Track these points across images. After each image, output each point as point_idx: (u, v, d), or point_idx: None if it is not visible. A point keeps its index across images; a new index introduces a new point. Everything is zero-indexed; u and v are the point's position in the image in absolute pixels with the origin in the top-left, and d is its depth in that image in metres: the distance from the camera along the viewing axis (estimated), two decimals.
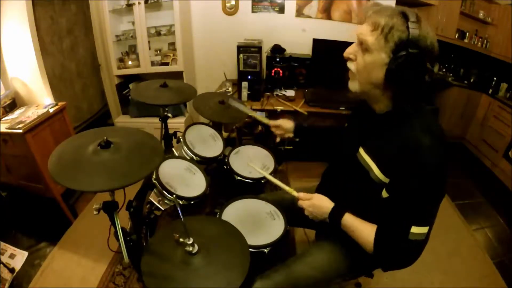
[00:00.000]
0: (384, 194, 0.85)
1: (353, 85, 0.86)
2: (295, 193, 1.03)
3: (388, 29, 0.74)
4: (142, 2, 2.44)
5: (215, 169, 1.58)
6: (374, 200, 0.87)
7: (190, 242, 0.82)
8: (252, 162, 1.46)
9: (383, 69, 0.76)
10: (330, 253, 1.05)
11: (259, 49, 2.37)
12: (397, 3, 2.75)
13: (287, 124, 1.28)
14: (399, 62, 0.73)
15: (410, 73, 0.74)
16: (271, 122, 1.31)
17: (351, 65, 0.84)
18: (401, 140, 0.79)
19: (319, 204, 0.96)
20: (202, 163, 1.46)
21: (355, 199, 0.94)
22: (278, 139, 1.33)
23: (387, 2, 2.64)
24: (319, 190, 1.01)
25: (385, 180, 0.84)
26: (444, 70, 3.58)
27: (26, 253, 1.76)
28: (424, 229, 0.79)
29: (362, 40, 0.79)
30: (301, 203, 1.00)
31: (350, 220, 0.91)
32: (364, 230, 0.88)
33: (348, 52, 0.84)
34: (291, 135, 1.29)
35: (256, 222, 1.18)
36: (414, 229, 0.78)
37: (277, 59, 2.54)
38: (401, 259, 0.87)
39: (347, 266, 1.05)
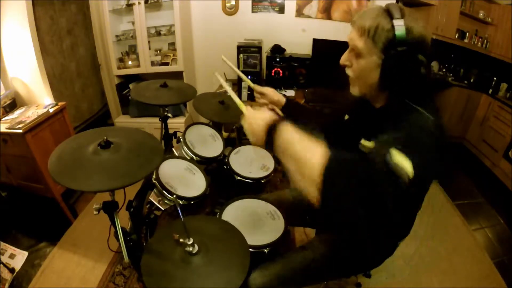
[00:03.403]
0: None
1: (354, 90, 0.87)
2: (244, 109, 0.86)
3: (374, 31, 0.74)
4: (142, 2, 2.44)
5: (215, 169, 1.58)
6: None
7: (190, 242, 0.82)
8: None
9: (377, 70, 0.77)
10: (327, 246, 1.07)
11: (259, 49, 2.38)
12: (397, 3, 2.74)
13: (275, 95, 1.14)
14: (390, 62, 0.73)
15: (403, 70, 0.73)
16: (257, 88, 1.16)
17: (348, 71, 0.85)
18: (395, 132, 0.78)
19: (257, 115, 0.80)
20: (202, 163, 1.46)
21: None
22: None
23: (386, 2, 2.66)
24: None
25: None
26: (444, 70, 3.58)
27: (26, 253, 1.76)
28: (405, 162, 0.59)
29: (353, 46, 0.80)
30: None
31: (291, 133, 0.71)
32: (309, 146, 0.67)
33: (343, 59, 0.85)
34: (277, 108, 1.14)
35: (256, 222, 1.18)
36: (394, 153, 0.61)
37: (277, 59, 2.55)
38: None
39: (343, 261, 1.06)
